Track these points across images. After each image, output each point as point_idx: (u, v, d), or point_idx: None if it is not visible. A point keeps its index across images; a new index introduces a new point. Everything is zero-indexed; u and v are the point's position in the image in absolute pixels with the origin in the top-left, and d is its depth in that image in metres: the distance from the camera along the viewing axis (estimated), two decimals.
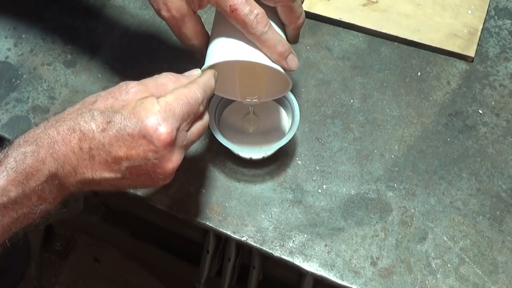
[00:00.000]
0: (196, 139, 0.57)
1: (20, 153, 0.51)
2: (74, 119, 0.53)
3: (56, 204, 0.54)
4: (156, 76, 0.57)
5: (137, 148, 0.52)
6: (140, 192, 0.71)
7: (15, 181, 0.50)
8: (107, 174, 0.53)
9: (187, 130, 0.55)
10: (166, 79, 0.57)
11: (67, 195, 0.55)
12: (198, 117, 0.57)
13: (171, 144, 0.53)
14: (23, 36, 0.83)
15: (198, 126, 0.57)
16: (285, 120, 0.72)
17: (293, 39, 0.63)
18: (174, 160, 0.54)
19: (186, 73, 0.60)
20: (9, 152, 0.52)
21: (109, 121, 0.52)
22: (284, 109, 0.73)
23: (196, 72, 0.60)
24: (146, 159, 0.52)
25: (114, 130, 0.52)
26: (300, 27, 0.63)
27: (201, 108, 0.57)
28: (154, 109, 0.52)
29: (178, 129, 0.53)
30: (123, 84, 0.55)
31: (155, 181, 0.55)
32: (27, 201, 0.51)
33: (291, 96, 0.70)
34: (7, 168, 0.50)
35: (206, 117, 0.59)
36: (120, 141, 0.52)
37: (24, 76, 0.79)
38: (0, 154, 0.52)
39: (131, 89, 0.54)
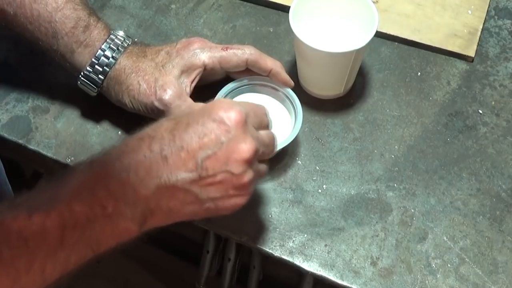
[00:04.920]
0: (266, 140, 0.56)
1: (87, 163, 0.50)
2: (142, 132, 0.52)
3: (137, 225, 0.50)
4: None
5: (209, 134, 0.51)
6: None
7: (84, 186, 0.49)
8: (183, 174, 0.50)
9: (256, 128, 0.55)
10: None
11: (147, 219, 0.50)
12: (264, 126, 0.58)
13: (243, 123, 0.52)
14: None
15: (264, 133, 0.56)
16: (287, 120, 0.72)
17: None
18: (248, 143, 0.51)
19: None
20: (76, 166, 0.51)
21: (178, 122, 0.52)
22: (286, 109, 0.72)
23: None
24: (220, 142, 0.51)
25: (183, 126, 0.51)
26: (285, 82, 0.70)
27: (266, 119, 0.58)
28: (219, 100, 0.56)
29: (247, 115, 0.53)
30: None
31: (232, 191, 0.53)
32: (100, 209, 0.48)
33: (294, 96, 0.70)
34: (72, 177, 0.49)
35: (272, 133, 0.58)
36: (190, 133, 0.51)
37: (24, 76, 0.79)
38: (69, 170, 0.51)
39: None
